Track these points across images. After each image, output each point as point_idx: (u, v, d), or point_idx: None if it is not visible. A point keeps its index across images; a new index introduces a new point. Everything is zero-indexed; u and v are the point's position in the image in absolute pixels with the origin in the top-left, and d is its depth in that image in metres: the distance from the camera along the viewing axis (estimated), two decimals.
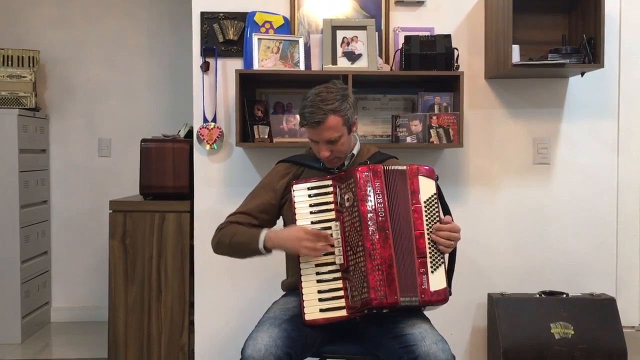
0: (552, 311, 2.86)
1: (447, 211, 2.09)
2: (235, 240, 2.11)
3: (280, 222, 2.30)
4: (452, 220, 2.02)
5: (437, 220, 1.99)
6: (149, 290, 3.01)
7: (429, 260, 1.94)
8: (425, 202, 1.98)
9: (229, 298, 3.01)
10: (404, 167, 2.02)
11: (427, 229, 1.96)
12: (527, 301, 2.89)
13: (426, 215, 1.97)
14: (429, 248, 1.95)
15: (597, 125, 3.07)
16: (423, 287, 1.91)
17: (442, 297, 1.93)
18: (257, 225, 2.19)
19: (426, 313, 2.08)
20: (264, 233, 2.06)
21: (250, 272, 3.00)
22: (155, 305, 3.02)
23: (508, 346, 2.80)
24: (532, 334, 2.82)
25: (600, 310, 2.87)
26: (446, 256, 2.04)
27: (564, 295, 2.93)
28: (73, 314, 4.15)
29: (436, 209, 2.00)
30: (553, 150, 3.06)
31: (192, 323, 3.05)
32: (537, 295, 2.94)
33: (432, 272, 1.93)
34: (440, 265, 1.96)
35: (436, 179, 2.04)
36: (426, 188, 2.00)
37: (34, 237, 3.90)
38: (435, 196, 2.01)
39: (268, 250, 2.07)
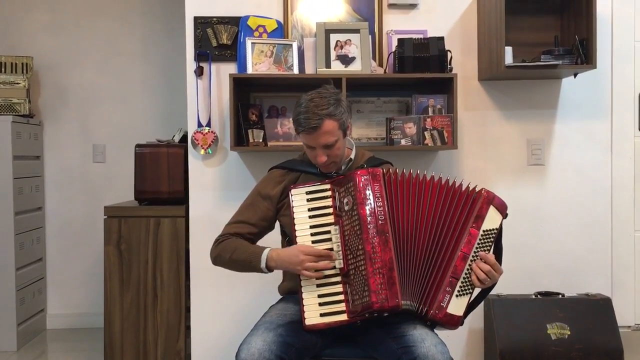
0: (548, 312, 2.86)
1: (499, 254, 2.04)
2: (236, 257, 2.10)
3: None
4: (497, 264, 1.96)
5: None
6: (144, 295, 3.01)
7: (459, 283, 1.90)
8: (484, 231, 1.93)
9: (226, 302, 3.01)
10: (482, 191, 1.97)
11: (472, 256, 1.92)
12: (523, 302, 2.90)
13: (478, 244, 1.93)
14: (465, 273, 1.91)
15: (590, 125, 3.08)
16: (442, 304, 1.88)
17: (453, 322, 1.90)
18: (257, 233, 2.19)
19: None
20: (266, 252, 2.05)
21: (246, 276, 2.97)
22: (151, 311, 3.01)
23: (505, 347, 2.80)
24: (528, 334, 2.82)
25: (596, 310, 2.88)
26: (477, 290, 2.01)
27: (560, 296, 2.93)
28: (69, 321, 4.13)
29: (490, 244, 1.95)
30: (547, 151, 3.07)
31: (188, 328, 3.04)
32: (533, 296, 2.94)
33: (457, 296, 1.90)
34: (467, 294, 1.92)
35: (504, 216, 1.99)
36: (491, 220, 1.95)
37: (29, 243, 3.88)
38: (495, 231, 1.96)
39: (270, 269, 2.06)
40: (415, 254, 1.94)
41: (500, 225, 1.98)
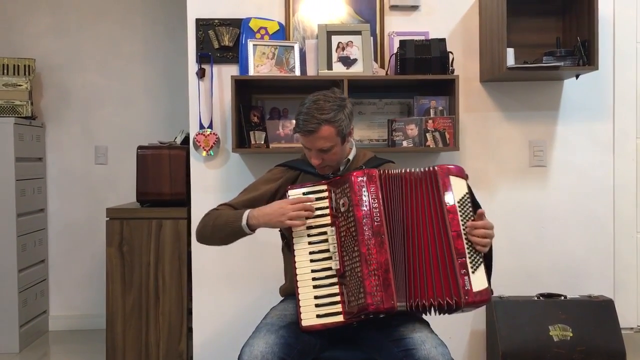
0: (551, 313, 2.86)
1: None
2: (219, 222, 2.10)
3: None
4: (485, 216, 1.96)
5: (472, 220, 1.93)
6: (146, 297, 3.01)
7: (468, 260, 1.88)
8: (458, 201, 1.92)
9: (227, 304, 3.01)
10: (435, 169, 1.95)
11: (464, 229, 1.90)
12: (526, 304, 2.89)
13: (461, 215, 1.91)
14: (467, 248, 1.89)
15: (592, 127, 3.08)
16: (466, 288, 1.84)
17: (485, 297, 1.87)
18: None
19: (426, 317, 2.06)
20: (247, 211, 2.06)
21: (248, 278, 3.00)
22: (153, 312, 3.01)
23: (507, 349, 2.79)
24: (530, 336, 2.82)
25: (598, 312, 2.87)
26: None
27: (562, 298, 2.93)
28: (71, 322, 4.14)
29: (470, 209, 1.94)
30: (549, 152, 3.07)
31: (190, 330, 3.05)
32: (536, 298, 2.94)
33: (472, 272, 1.87)
34: (480, 264, 1.90)
35: (466, 178, 1.98)
36: (458, 188, 1.94)
37: (31, 245, 3.88)
38: (467, 196, 1.95)
39: (252, 228, 2.05)
40: (415, 252, 1.93)
41: (468, 187, 1.97)
